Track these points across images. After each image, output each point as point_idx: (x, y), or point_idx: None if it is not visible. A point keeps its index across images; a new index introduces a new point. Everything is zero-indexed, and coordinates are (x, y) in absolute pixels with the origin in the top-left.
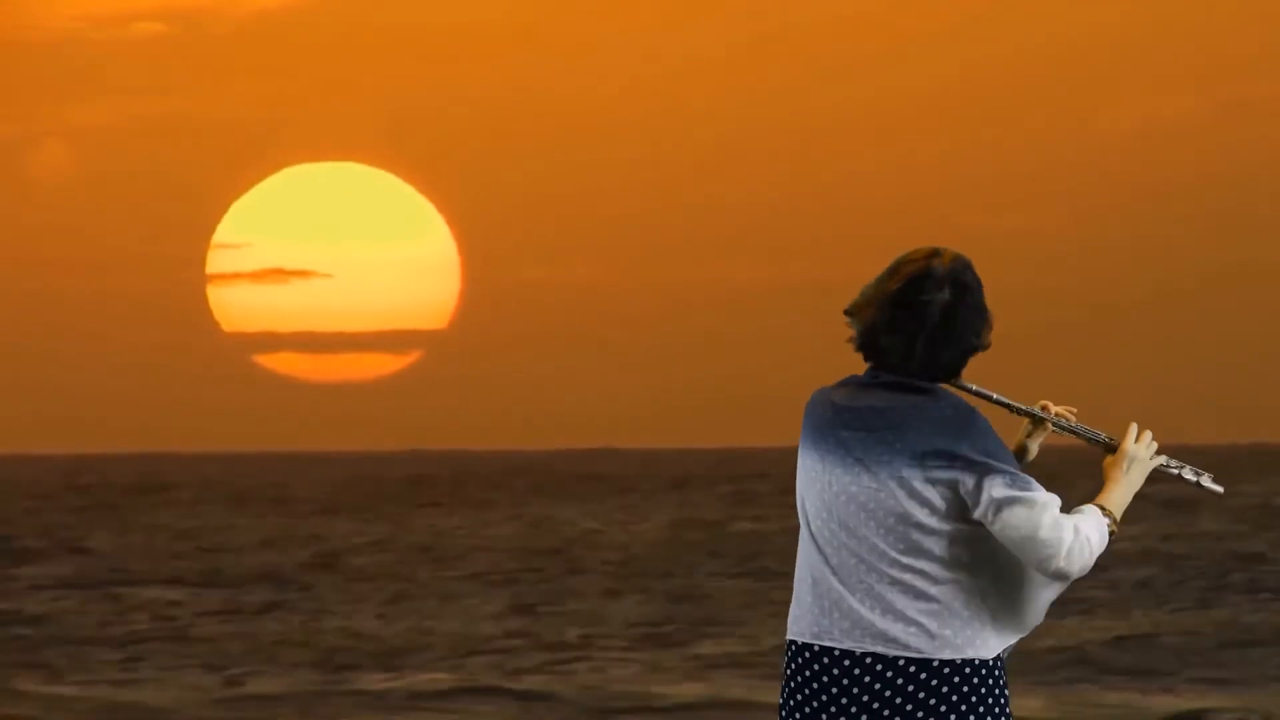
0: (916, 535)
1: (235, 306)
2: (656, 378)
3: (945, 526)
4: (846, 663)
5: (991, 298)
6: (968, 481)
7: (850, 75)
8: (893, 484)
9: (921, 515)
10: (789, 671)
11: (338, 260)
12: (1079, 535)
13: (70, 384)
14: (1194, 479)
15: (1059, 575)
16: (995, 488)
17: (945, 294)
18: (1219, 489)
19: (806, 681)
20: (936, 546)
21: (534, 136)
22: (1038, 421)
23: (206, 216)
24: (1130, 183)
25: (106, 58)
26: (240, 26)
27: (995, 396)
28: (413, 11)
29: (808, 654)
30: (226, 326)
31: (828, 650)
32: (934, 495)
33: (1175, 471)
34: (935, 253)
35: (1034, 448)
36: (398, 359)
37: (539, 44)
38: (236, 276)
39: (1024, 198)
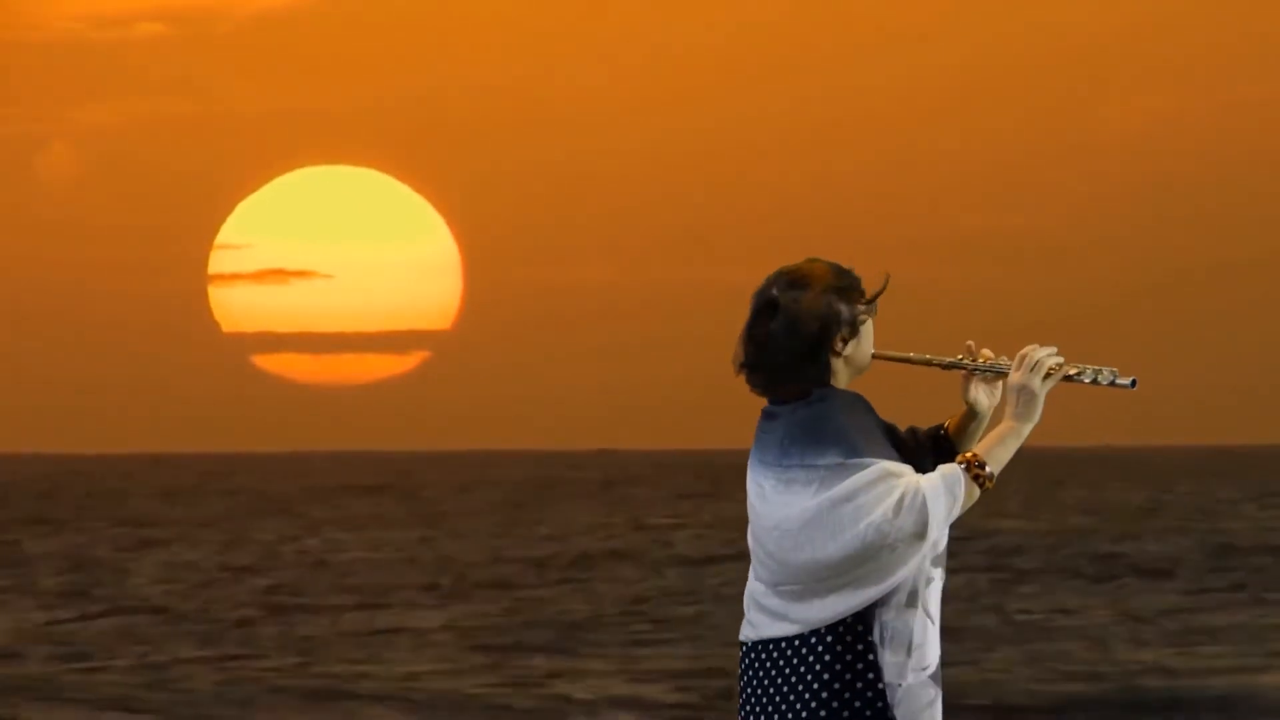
0: None
1: (236, 307)
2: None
3: None
4: None
5: (990, 296)
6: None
7: (850, 71)
8: None
9: None
10: None
11: (338, 261)
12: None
13: (70, 384)
14: (1106, 381)
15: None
16: None
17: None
18: (1128, 382)
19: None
20: None
21: (533, 136)
22: (969, 372)
23: (209, 217)
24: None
25: (108, 58)
26: (241, 26)
27: (913, 356)
28: (412, 11)
29: None
30: (226, 327)
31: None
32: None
33: (1084, 380)
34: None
35: (983, 398)
36: (401, 359)
37: (539, 43)
38: (237, 277)
39: (1024, 197)
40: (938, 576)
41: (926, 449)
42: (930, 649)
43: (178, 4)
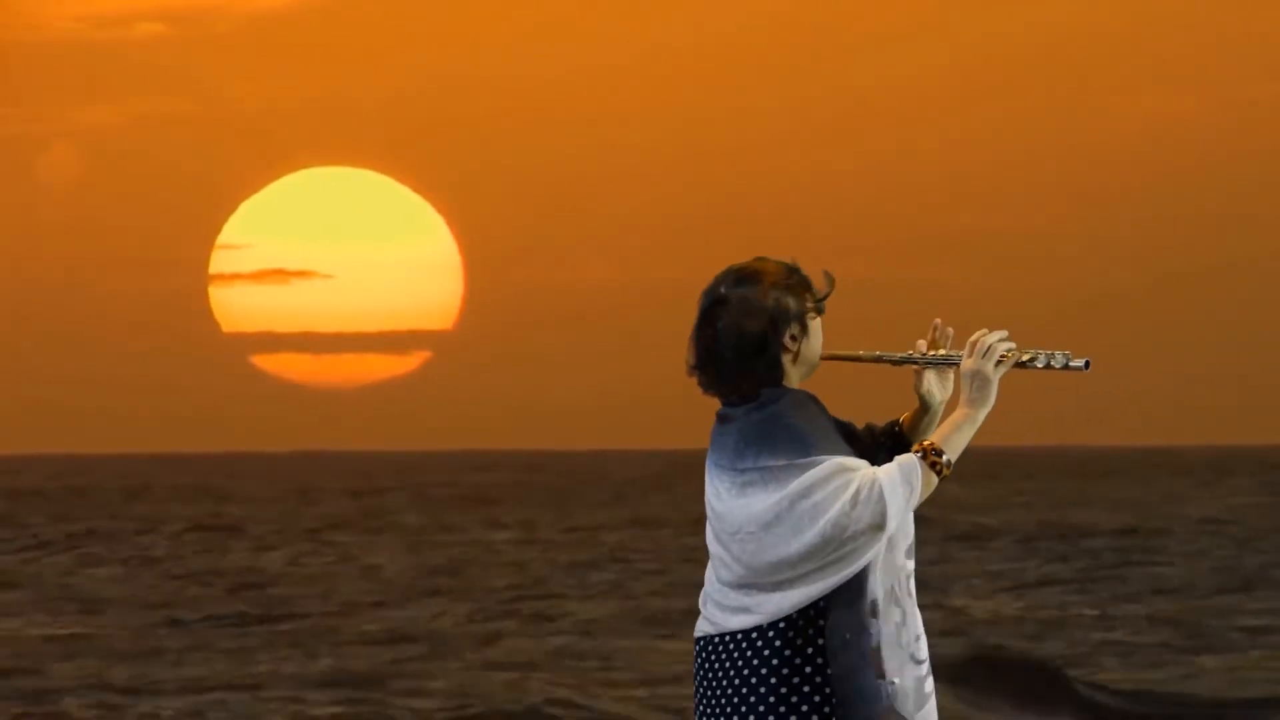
0: None
1: (236, 307)
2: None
3: None
4: None
5: (988, 295)
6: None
7: (852, 69)
8: None
9: None
10: None
11: (338, 261)
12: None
13: (71, 384)
14: (1060, 365)
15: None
16: None
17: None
18: (1081, 364)
19: None
20: None
21: (534, 136)
22: (922, 365)
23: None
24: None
25: (108, 59)
26: (241, 26)
27: (863, 354)
28: (413, 10)
29: None
30: (226, 327)
31: None
32: None
33: (1038, 365)
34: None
35: (935, 390)
36: (402, 359)
37: (539, 44)
38: (237, 277)
39: (1022, 197)
40: (912, 569)
41: (883, 445)
42: (921, 643)
43: (178, 4)
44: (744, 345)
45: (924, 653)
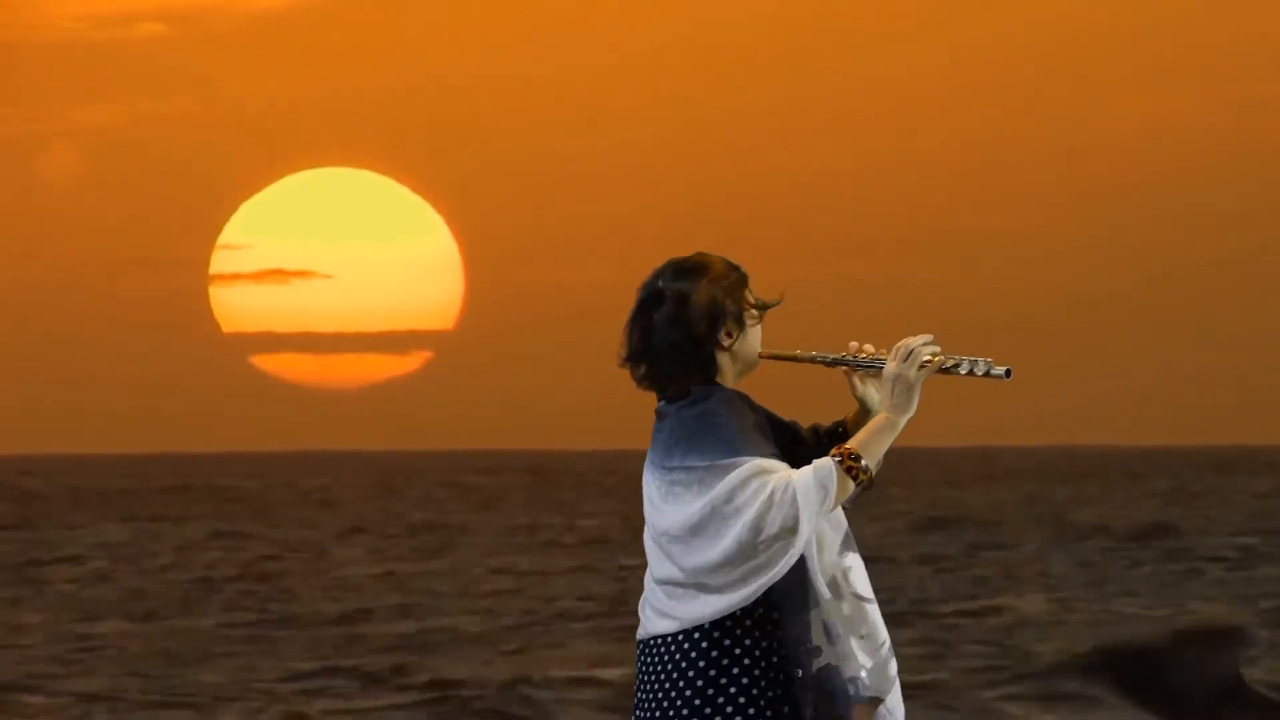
0: None
1: (235, 307)
2: None
3: None
4: None
5: (988, 295)
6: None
7: (853, 66)
8: None
9: None
10: None
11: (338, 261)
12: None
13: (72, 384)
14: (982, 372)
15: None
16: None
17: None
18: (1002, 372)
19: None
20: None
21: (534, 136)
22: (853, 367)
23: (211, 217)
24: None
25: (108, 59)
26: (241, 26)
27: (799, 354)
28: (413, 10)
29: None
30: (226, 327)
31: None
32: None
33: (961, 371)
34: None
35: (872, 394)
36: (403, 359)
37: (539, 44)
38: (237, 277)
39: (1022, 196)
40: (853, 561)
41: (826, 446)
42: (879, 627)
43: (178, 4)
44: (679, 340)
45: (881, 637)
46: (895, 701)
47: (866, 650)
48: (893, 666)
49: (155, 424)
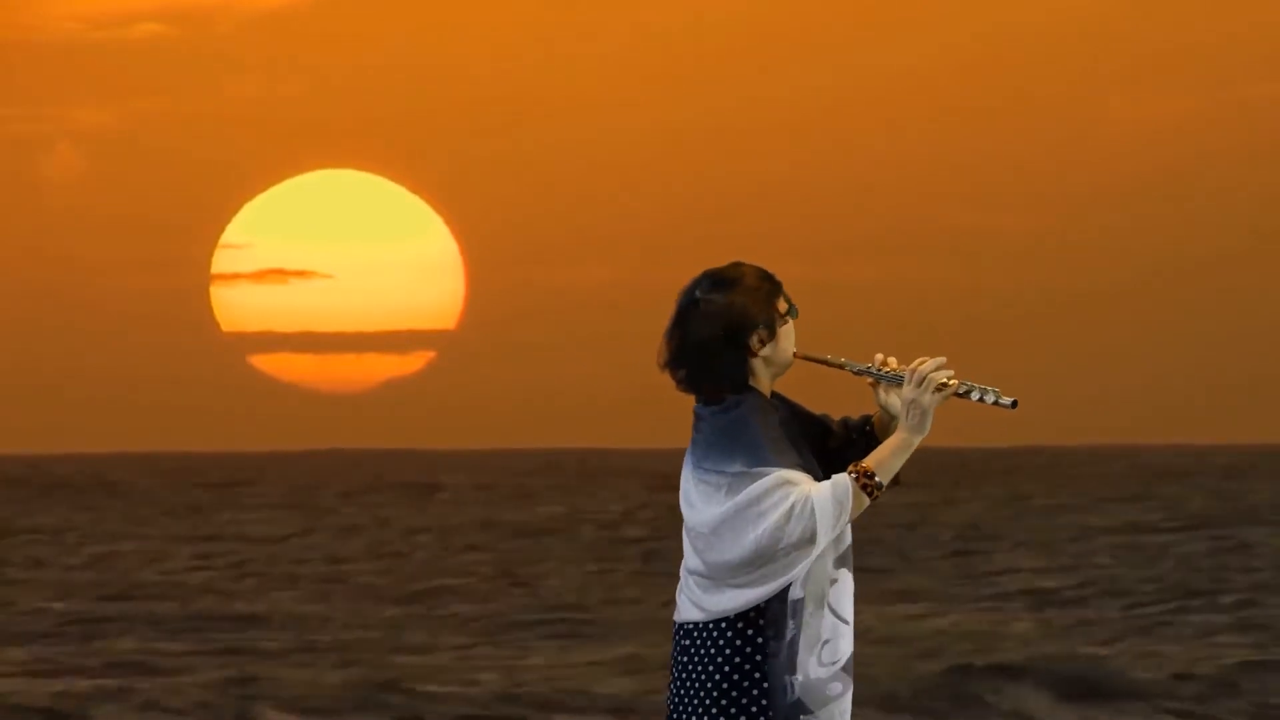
0: None
1: (235, 307)
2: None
3: None
4: None
5: (987, 295)
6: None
7: (854, 63)
8: None
9: None
10: None
11: (338, 261)
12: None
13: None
14: (990, 401)
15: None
16: None
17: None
18: (1009, 403)
19: None
20: None
21: (533, 136)
22: (877, 379)
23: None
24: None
25: (108, 59)
26: (241, 26)
27: (830, 358)
28: (413, 9)
29: None
30: (226, 327)
31: None
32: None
33: (972, 398)
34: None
35: (895, 403)
36: (405, 359)
37: (538, 44)
38: (237, 277)
39: (1021, 196)
40: (843, 577)
41: (854, 442)
42: (840, 644)
43: (178, 4)
44: (712, 348)
45: (835, 656)
46: (828, 717)
47: (817, 660)
48: (838, 686)
49: (155, 423)
